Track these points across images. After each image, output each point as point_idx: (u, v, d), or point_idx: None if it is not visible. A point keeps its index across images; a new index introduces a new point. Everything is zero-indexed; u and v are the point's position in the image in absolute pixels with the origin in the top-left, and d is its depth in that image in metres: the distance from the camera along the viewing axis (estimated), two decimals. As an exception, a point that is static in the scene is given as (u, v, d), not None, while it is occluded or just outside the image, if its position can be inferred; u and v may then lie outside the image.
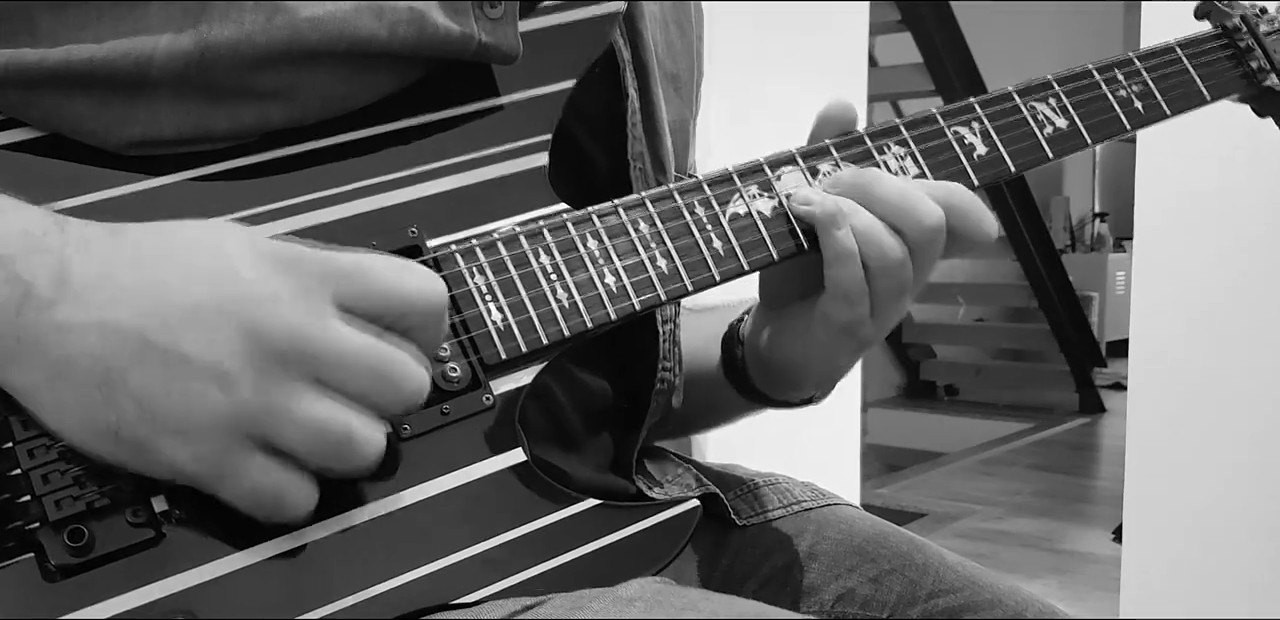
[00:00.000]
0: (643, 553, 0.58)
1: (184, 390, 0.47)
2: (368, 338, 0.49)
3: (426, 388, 0.51)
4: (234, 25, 0.54)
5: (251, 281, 0.48)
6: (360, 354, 0.49)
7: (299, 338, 0.48)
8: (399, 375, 0.49)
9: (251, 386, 0.47)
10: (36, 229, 0.49)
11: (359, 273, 0.50)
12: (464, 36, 0.59)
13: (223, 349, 0.47)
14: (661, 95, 0.75)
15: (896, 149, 0.68)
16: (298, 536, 0.53)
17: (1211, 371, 1.95)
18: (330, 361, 0.48)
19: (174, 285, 0.48)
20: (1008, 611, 0.73)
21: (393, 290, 0.50)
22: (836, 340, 0.67)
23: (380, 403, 0.50)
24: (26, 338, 0.47)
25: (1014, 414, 5.74)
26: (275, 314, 0.48)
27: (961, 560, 0.78)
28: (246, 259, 0.49)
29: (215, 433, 0.47)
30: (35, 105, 0.55)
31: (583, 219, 0.61)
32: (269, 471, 0.48)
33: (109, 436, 0.47)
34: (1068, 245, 6.90)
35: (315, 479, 0.50)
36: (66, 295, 0.47)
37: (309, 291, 0.49)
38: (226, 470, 0.48)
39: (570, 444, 0.69)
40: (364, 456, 0.49)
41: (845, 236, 0.63)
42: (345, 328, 0.49)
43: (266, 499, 0.49)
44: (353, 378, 0.49)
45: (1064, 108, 0.71)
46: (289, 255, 0.50)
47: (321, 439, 0.48)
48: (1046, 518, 3.81)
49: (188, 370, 0.47)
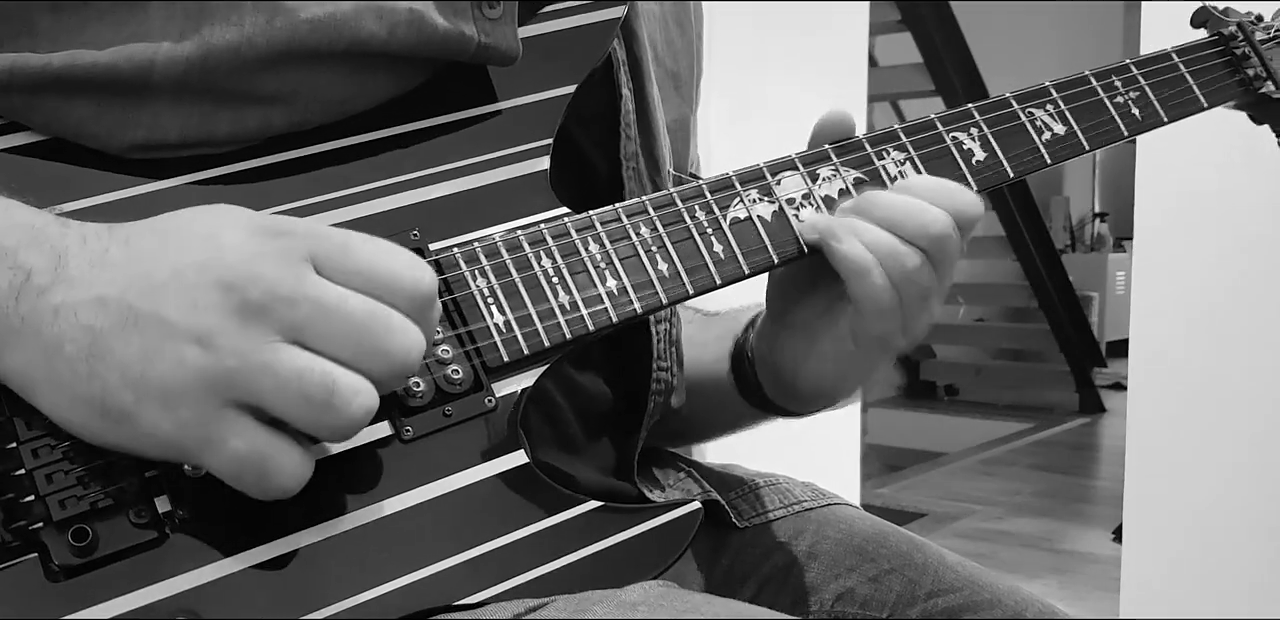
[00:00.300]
0: (644, 555, 0.58)
1: (165, 355, 0.46)
2: (351, 292, 0.48)
3: (415, 350, 0.49)
4: (234, 28, 0.55)
5: (233, 244, 0.48)
6: (340, 304, 0.48)
7: (276, 288, 0.47)
8: (383, 331, 0.48)
9: (229, 343, 0.46)
10: (38, 222, 0.49)
11: (343, 245, 0.49)
12: (463, 37, 0.59)
13: (200, 308, 0.47)
14: (658, 94, 0.75)
15: (896, 154, 0.68)
16: (301, 537, 0.53)
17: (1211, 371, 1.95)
18: (308, 313, 0.47)
19: (160, 255, 0.48)
20: (1007, 611, 0.73)
21: (373, 263, 0.49)
22: (870, 353, 0.67)
23: (365, 361, 0.48)
24: (25, 323, 0.47)
25: (1014, 414, 5.73)
26: (253, 270, 0.47)
27: (961, 560, 0.78)
28: (231, 226, 0.49)
29: (197, 396, 0.47)
30: (38, 109, 0.55)
31: (584, 223, 0.61)
32: (254, 435, 0.47)
33: (97, 410, 0.47)
34: (1068, 245, 6.90)
35: (308, 450, 0.49)
36: (62, 279, 0.47)
37: (290, 252, 0.48)
38: (211, 434, 0.47)
39: (571, 446, 0.70)
40: (348, 413, 0.48)
41: (854, 250, 0.63)
42: (325, 282, 0.48)
43: (252, 466, 0.48)
44: (333, 332, 0.47)
45: (1062, 114, 0.72)
46: (275, 223, 0.49)
47: (303, 393, 0.47)
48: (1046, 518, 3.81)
49: (168, 334, 0.47)
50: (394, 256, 0.50)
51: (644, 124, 0.73)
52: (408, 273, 0.50)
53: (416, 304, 0.50)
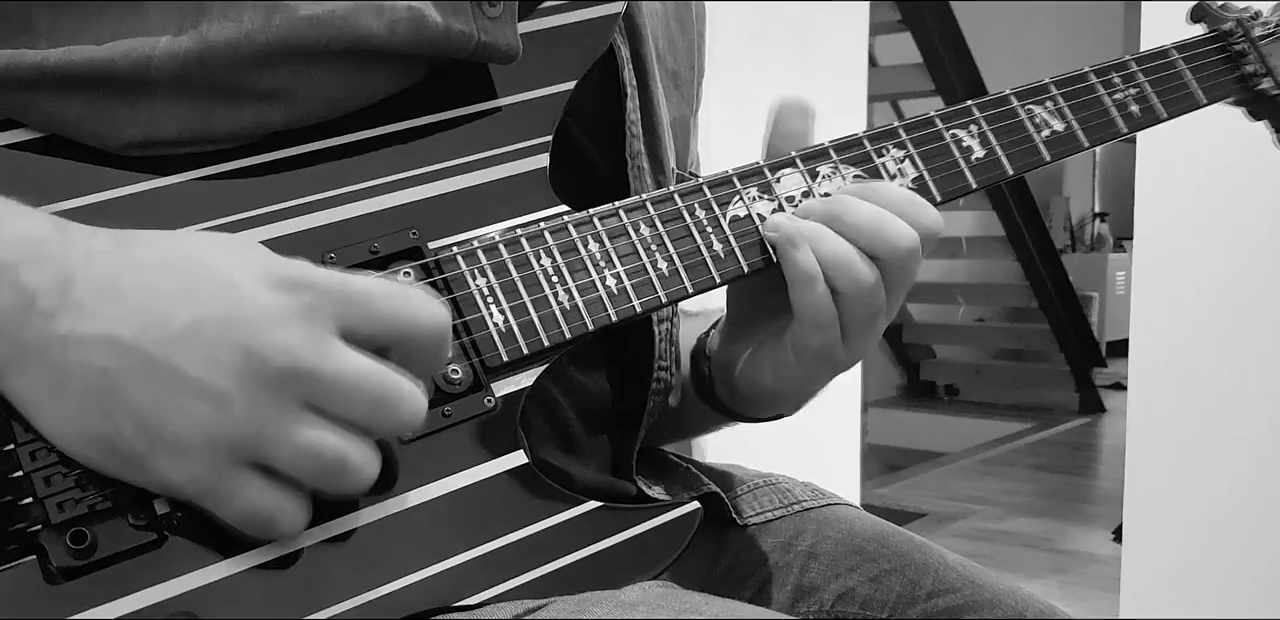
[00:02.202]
0: (644, 555, 0.58)
1: (180, 407, 0.46)
2: (368, 362, 0.49)
3: (423, 413, 0.50)
4: (233, 24, 0.54)
5: (254, 300, 0.48)
6: (359, 380, 0.48)
7: (298, 361, 0.47)
8: (395, 401, 0.49)
9: (247, 408, 0.47)
10: (37, 235, 0.48)
11: (364, 297, 0.49)
12: (463, 35, 0.59)
13: (220, 368, 0.46)
14: (661, 92, 0.75)
15: (895, 151, 0.68)
16: (301, 539, 0.52)
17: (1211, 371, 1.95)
18: (328, 386, 0.48)
19: (176, 299, 0.47)
20: (1008, 611, 0.73)
21: (396, 316, 0.50)
22: (809, 365, 0.67)
23: (376, 427, 0.49)
24: (30, 348, 0.46)
25: (1014, 414, 5.74)
26: (275, 336, 0.47)
27: (961, 560, 0.78)
28: (252, 276, 0.48)
29: (209, 452, 0.47)
30: (35, 106, 0.55)
31: (583, 221, 0.61)
32: (262, 492, 0.48)
33: (106, 448, 0.47)
34: (1068, 245, 6.90)
35: (308, 500, 0.50)
36: (69, 306, 0.47)
37: (312, 313, 0.48)
38: (220, 489, 0.48)
39: (571, 445, 0.70)
40: (357, 481, 0.49)
41: (804, 259, 0.62)
42: (346, 352, 0.48)
43: (258, 519, 0.49)
44: (350, 403, 0.48)
45: (1061, 111, 0.72)
46: (296, 275, 0.49)
47: (316, 464, 0.48)
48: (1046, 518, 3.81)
49: (184, 387, 0.46)
50: (414, 306, 0.51)
51: (648, 123, 0.73)
52: (429, 319, 0.51)
53: (433, 344, 0.51)
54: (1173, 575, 2.00)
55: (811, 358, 0.66)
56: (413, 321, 0.50)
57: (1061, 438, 5.23)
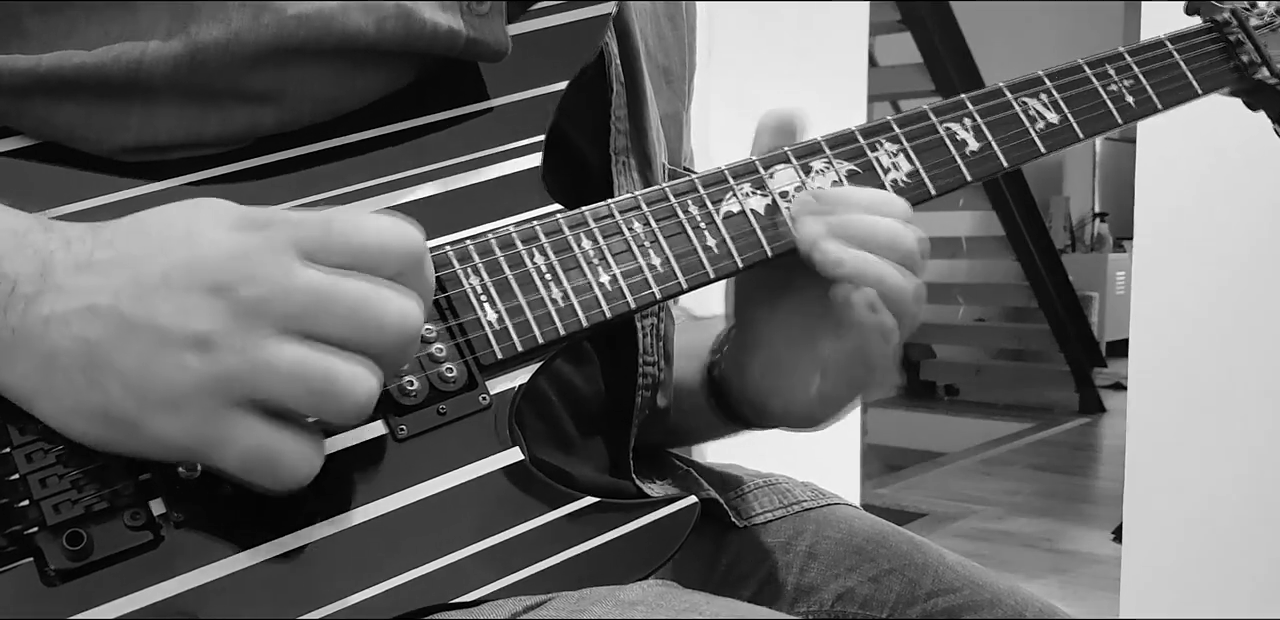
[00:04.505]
0: (642, 550, 0.58)
1: (165, 362, 0.46)
2: (336, 277, 0.48)
3: (412, 317, 0.49)
4: (221, 25, 0.55)
5: (214, 242, 0.48)
6: (332, 292, 0.47)
7: (266, 286, 0.47)
8: (377, 308, 0.48)
9: (228, 345, 0.46)
10: (20, 228, 0.49)
11: (324, 222, 0.49)
12: (451, 32, 0.59)
13: (193, 312, 0.46)
14: (650, 88, 0.75)
15: (889, 146, 0.68)
16: (297, 537, 0.53)
17: (1211, 371, 1.95)
18: (302, 305, 0.47)
19: (145, 258, 0.48)
20: (1007, 611, 0.73)
21: (361, 239, 0.49)
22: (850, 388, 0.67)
23: (366, 341, 0.48)
24: (16, 334, 0.47)
25: (1014, 414, 5.74)
26: (240, 268, 0.47)
27: (961, 560, 0.78)
28: (211, 223, 0.49)
29: (202, 400, 0.47)
30: (28, 113, 0.55)
31: (577, 220, 0.61)
32: (261, 432, 0.47)
33: (100, 419, 0.47)
34: (1068, 245, 6.90)
35: (317, 440, 0.49)
36: (50, 288, 0.47)
37: (273, 244, 0.48)
38: (218, 435, 0.47)
39: (566, 442, 0.69)
40: (353, 399, 0.47)
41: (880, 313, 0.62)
42: (313, 270, 0.48)
43: (261, 461, 0.48)
44: (329, 319, 0.47)
45: (1055, 103, 0.72)
46: (255, 215, 0.49)
47: (305, 385, 0.47)
48: (1046, 518, 3.81)
49: (166, 341, 0.46)
50: (378, 224, 0.50)
51: (636, 119, 0.73)
52: (395, 237, 0.49)
53: (410, 265, 0.50)
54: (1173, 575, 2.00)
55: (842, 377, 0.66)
56: (378, 239, 0.49)
57: (1061, 438, 5.23)
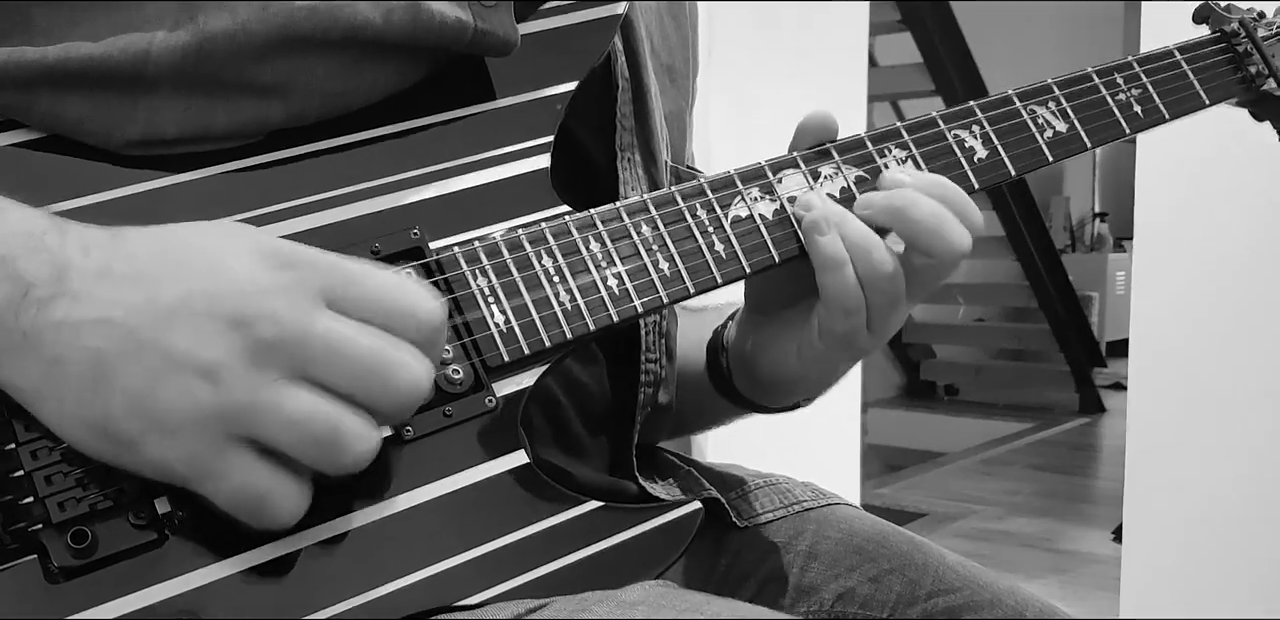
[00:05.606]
0: (645, 555, 0.58)
1: (171, 386, 0.46)
2: (358, 327, 0.48)
3: (423, 384, 0.49)
4: (229, 15, 0.54)
5: (241, 276, 0.48)
6: (349, 344, 0.47)
7: (285, 328, 0.47)
8: (390, 367, 0.48)
9: (237, 380, 0.46)
10: (37, 229, 0.49)
11: (355, 275, 0.49)
12: (459, 23, 0.59)
13: (208, 341, 0.46)
14: (655, 86, 0.75)
15: (897, 152, 0.68)
16: (302, 538, 0.53)
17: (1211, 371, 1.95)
18: (318, 352, 0.47)
19: (166, 281, 0.47)
20: (1007, 611, 0.73)
21: (386, 296, 0.49)
22: (833, 350, 0.67)
23: (372, 398, 0.48)
24: (26, 336, 0.47)
25: (1014, 414, 5.73)
26: (263, 305, 0.47)
27: (961, 560, 0.78)
28: (240, 255, 0.48)
29: (201, 429, 0.46)
30: (35, 106, 0.55)
31: (585, 222, 0.61)
32: (254, 471, 0.47)
33: (100, 433, 0.47)
34: (1068, 245, 6.90)
35: (306, 484, 0.49)
36: (64, 293, 0.47)
37: (301, 286, 0.48)
38: (212, 468, 0.47)
39: (571, 444, 0.70)
40: (353, 454, 0.48)
41: (831, 243, 0.63)
42: (335, 318, 0.48)
43: (249, 499, 0.48)
44: (342, 370, 0.47)
45: (1064, 112, 0.72)
46: (285, 252, 0.49)
47: (308, 434, 0.47)
48: (1046, 518, 3.81)
49: (175, 366, 0.46)
50: (405, 286, 0.50)
51: (641, 117, 0.73)
52: (420, 303, 0.50)
53: (425, 334, 0.50)
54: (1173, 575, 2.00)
55: (836, 342, 0.66)
56: (402, 300, 0.49)
57: (1061, 438, 5.22)
